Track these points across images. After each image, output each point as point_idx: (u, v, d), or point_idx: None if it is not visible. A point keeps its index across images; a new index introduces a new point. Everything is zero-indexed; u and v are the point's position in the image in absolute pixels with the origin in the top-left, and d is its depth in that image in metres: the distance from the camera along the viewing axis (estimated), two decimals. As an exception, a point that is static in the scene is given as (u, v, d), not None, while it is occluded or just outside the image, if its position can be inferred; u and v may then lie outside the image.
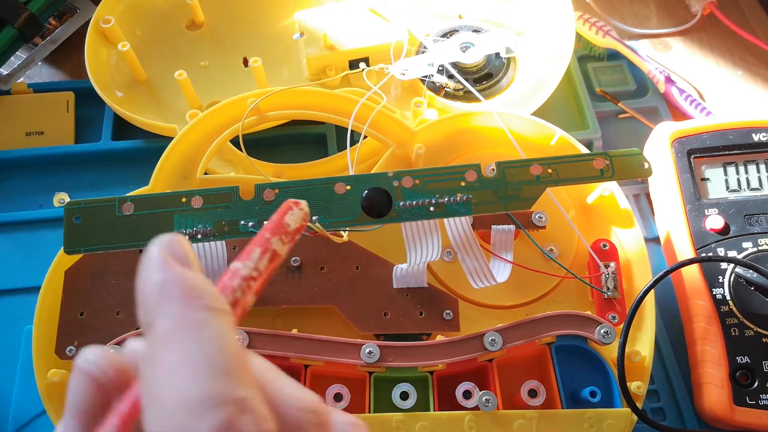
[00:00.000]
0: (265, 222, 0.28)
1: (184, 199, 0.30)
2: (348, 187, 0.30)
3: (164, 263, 0.16)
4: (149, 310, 0.15)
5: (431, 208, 0.30)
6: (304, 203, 0.21)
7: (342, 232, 0.30)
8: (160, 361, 0.14)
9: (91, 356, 0.16)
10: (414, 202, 0.30)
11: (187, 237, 0.29)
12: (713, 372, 0.34)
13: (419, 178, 0.31)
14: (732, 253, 0.36)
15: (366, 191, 0.30)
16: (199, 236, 0.30)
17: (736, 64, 0.50)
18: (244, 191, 0.30)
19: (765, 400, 0.33)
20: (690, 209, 0.37)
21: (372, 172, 0.37)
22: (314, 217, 0.30)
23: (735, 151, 0.38)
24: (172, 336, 0.15)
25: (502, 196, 0.30)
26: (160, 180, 0.36)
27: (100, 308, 0.32)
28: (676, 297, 0.38)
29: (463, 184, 0.30)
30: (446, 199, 0.30)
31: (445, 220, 0.32)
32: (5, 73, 0.47)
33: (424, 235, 0.31)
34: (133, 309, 0.32)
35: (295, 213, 0.20)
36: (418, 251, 0.32)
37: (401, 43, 0.43)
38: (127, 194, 0.34)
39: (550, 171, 0.31)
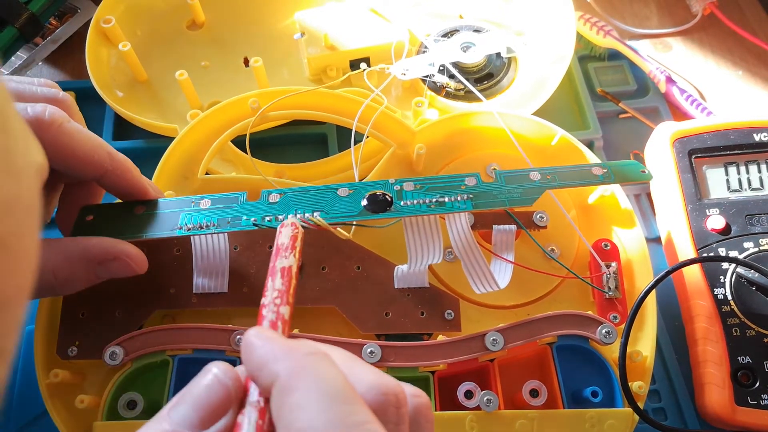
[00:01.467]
0: (268, 218, 0.30)
1: (193, 203, 0.31)
2: (351, 191, 0.31)
3: (263, 339, 0.20)
4: (269, 371, 0.19)
5: (432, 205, 0.30)
6: (288, 220, 0.25)
7: (344, 232, 0.30)
8: (288, 401, 0.18)
9: (225, 368, 0.20)
10: (415, 201, 0.30)
11: (190, 228, 0.30)
12: (714, 372, 0.34)
13: (420, 183, 0.31)
14: (733, 253, 0.36)
15: (368, 192, 0.31)
16: (202, 228, 0.30)
17: (737, 64, 0.50)
18: (250, 195, 0.31)
19: (766, 400, 0.33)
20: (691, 209, 0.37)
21: (373, 171, 0.37)
22: (316, 213, 0.30)
23: (736, 151, 0.38)
24: (292, 382, 0.18)
25: (502, 195, 0.31)
26: (161, 180, 0.36)
27: (101, 309, 0.32)
28: (677, 297, 0.38)
29: (463, 188, 0.31)
30: (447, 197, 0.30)
31: (448, 226, 0.32)
32: (6, 73, 0.47)
33: (425, 238, 0.31)
34: (133, 309, 0.33)
35: (283, 231, 0.25)
36: (419, 255, 0.32)
37: (402, 43, 0.43)
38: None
39: (549, 177, 0.31)
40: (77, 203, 0.31)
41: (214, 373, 0.20)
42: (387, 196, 0.31)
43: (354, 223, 0.31)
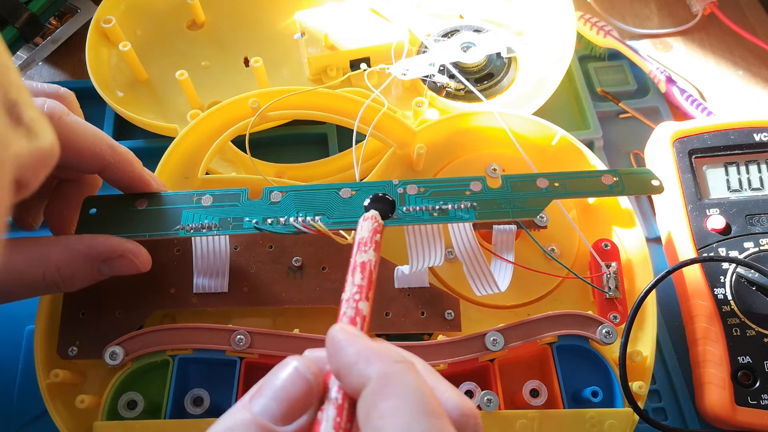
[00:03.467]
0: (269, 221, 0.30)
1: (195, 198, 0.31)
2: (353, 192, 0.31)
3: (350, 337, 0.20)
4: (359, 372, 0.19)
5: (434, 213, 0.30)
6: (369, 214, 0.26)
7: (346, 236, 0.30)
8: (381, 407, 0.18)
9: (306, 362, 0.20)
10: (417, 207, 0.30)
11: (192, 229, 0.30)
12: (715, 372, 0.34)
13: (424, 186, 0.31)
14: (733, 253, 0.36)
15: (370, 196, 0.31)
16: (204, 230, 0.30)
17: (737, 64, 0.50)
18: (252, 192, 0.31)
19: (766, 400, 0.33)
20: (691, 209, 0.37)
21: (373, 171, 0.37)
22: (317, 217, 0.30)
23: (736, 151, 0.38)
24: (384, 388, 0.18)
25: (507, 205, 0.31)
26: (162, 180, 0.36)
27: (101, 308, 0.32)
28: (677, 297, 0.38)
29: (467, 193, 0.31)
30: (450, 205, 0.30)
31: (450, 230, 0.32)
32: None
33: (427, 242, 0.31)
34: (133, 309, 0.33)
35: (364, 225, 0.25)
36: (420, 258, 0.32)
37: (402, 43, 0.43)
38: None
39: (557, 184, 0.31)
40: (69, 200, 0.31)
41: (295, 366, 0.20)
42: (389, 197, 0.30)
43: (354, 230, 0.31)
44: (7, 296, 0.28)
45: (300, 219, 0.30)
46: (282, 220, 0.30)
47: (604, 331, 0.32)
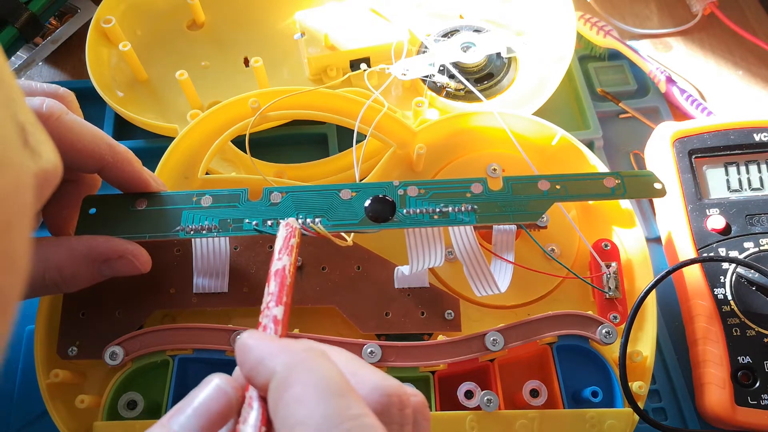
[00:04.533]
0: (269, 223, 0.30)
1: (195, 198, 0.31)
2: (353, 194, 0.31)
3: (258, 340, 0.20)
4: (265, 368, 0.19)
5: (435, 216, 0.30)
6: (284, 221, 0.26)
7: (346, 237, 0.30)
8: (285, 396, 0.18)
9: (226, 378, 0.20)
10: (418, 210, 0.30)
11: (192, 230, 0.30)
12: (715, 372, 0.34)
13: (424, 188, 0.31)
14: (733, 253, 0.36)
15: (370, 198, 0.31)
16: (204, 231, 0.30)
17: (737, 64, 0.50)
18: (252, 193, 0.31)
19: (766, 400, 0.33)
20: (691, 209, 0.37)
21: (373, 171, 0.37)
22: (317, 219, 0.30)
23: (736, 151, 0.38)
24: (289, 377, 0.19)
25: (508, 208, 0.30)
26: (162, 180, 0.35)
27: (101, 308, 0.32)
28: (677, 297, 0.38)
29: (468, 195, 0.31)
30: (450, 208, 0.30)
31: (450, 231, 0.32)
32: (6, 73, 0.47)
33: (427, 243, 0.31)
34: (133, 309, 0.33)
35: (278, 234, 0.26)
36: (420, 259, 0.32)
37: (402, 43, 0.43)
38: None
39: (558, 187, 0.31)
40: (68, 200, 0.31)
41: (215, 382, 0.20)
42: (389, 199, 0.30)
43: (353, 232, 0.31)
44: None
45: (300, 221, 0.30)
46: (282, 221, 0.30)
47: (604, 331, 0.32)
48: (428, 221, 0.30)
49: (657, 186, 0.31)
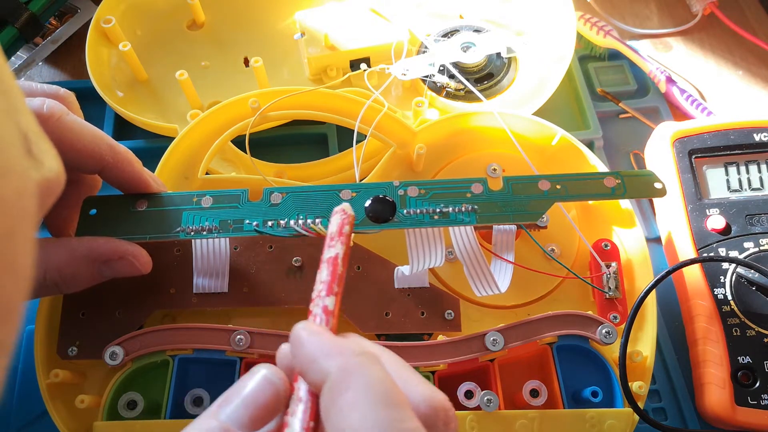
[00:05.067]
0: (270, 224, 0.30)
1: (195, 199, 0.31)
2: (353, 194, 0.31)
3: (312, 334, 0.20)
4: (319, 367, 0.19)
5: (435, 216, 0.30)
6: (338, 207, 0.25)
7: None
8: (339, 401, 0.18)
9: (274, 369, 0.20)
10: (418, 210, 0.30)
11: (193, 231, 0.30)
12: (715, 372, 0.34)
13: (425, 188, 0.31)
14: (733, 253, 0.36)
15: (370, 198, 0.31)
16: (205, 232, 0.30)
17: (737, 64, 0.50)
18: (252, 193, 0.31)
19: (766, 400, 0.33)
20: (691, 209, 0.37)
21: (373, 171, 0.37)
22: (317, 220, 0.30)
23: (736, 151, 0.38)
24: (343, 381, 0.18)
25: (508, 208, 0.30)
26: (162, 180, 0.36)
27: (101, 308, 0.32)
28: (677, 297, 0.38)
29: (468, 195, 0.31)
30: (451, 208, 0.30)
31: (451, 231, 0.32)
32: (6, 73, 0.47)
33: (428, 243, 0.31)
34: (133, 309, 0.33)
35: (332, 220, 0.25)
36: (420, 259, 0.32)
37: (402, 43, 0.43)
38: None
39: (558, 187, 0.31)
40: (68, 200, 0.31)
41: (263, 373, 0.20)
42: (389, 199, 0.30)
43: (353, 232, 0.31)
44: None
45: (300, 222, 0.30)
46: (282, 222, 0.30)
47: (604, 331, 0.32)
48: (429, 221, 0.30)
49: (657, 186, 0.31)
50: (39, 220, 0.20)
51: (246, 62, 0.46)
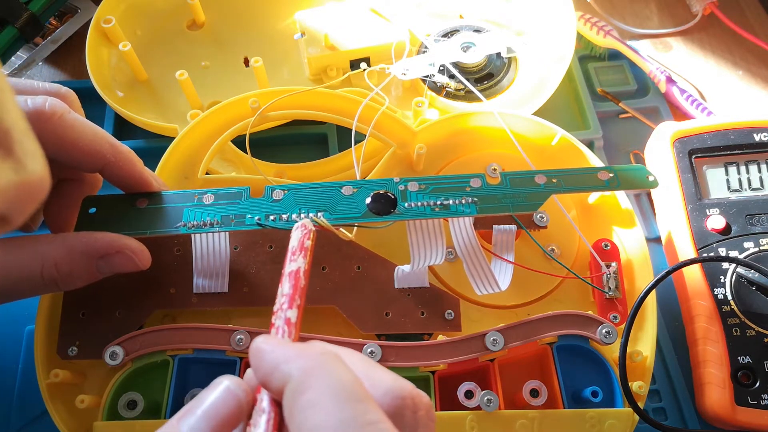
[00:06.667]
0: (272, 218, 0.30)
1: (196, 196, 0.31)
2: (355, 190, 0.31)
3: (273, 345, 0.20)
4: (281, 373, 0.19)
5: (436, 208, 0.30)
6: (299, 222, 0.25)
7: (347, 233, 0.30)
8: (301, 401, 0.18)
9: (236, 380, 0.20)
10: (419, 203, 0.30)
11: (194, 225, 0.30)
12: (715, 372, 0.34)
13: (425, 183, 0.31)
14: (733, 253, 0.36)
15: (371, 194, 0.31)
16: (206, 227, 0.30)
17: (737, 64, 0.50)
18: (253, 192, 0.31)
19: (766, 400, 0.33)
20: (691, 209, 0.37)
21: (373, 171, 0.37)
22: (319, 213, 0.30)
23: (736, 151, 0.38)
24: (305, 381, 0.18)
25: (506, 200, 0.31)
26: (162, 179, 0.35)
27: (101, 308, 0.32)
28: (677, 297, 0.38)
29: (468, 189, 0.31)
30: (451, 201, 0.31)
31: (451, 228, 0.32)
32: (6, 73, 0.47)
33: (429, 239, 0.31)
34: (133, 309, 0.33)
35: (293, 235, 0.25)
36: (422, 255, 0.32)
37: (402, 43, 0.43)
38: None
39: (554, 180, 0.31)
40: (69, 199, 0.31)
41: (225, 384, 0.20)
42: (391, 194, 0.31)
43: (356, 225, 0.31)
44: (6, 296, 0.28)
45: (303, 215, 0.30)
46: (284, 216, 0.30)
47: (604, 331, 0.32)
48: (430, 213, 0.30)
49: (650, 178, 0.32)
50: (15, 227, 0.19)
51: (246, 62, 0.46)
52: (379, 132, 0.37)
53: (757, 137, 0.38)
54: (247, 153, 0.36)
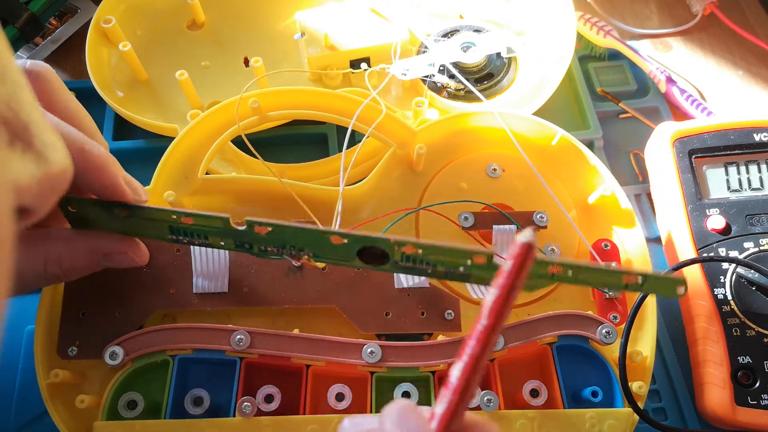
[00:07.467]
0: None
1: (174, 217, 0.28)
2: (345, 241, 0.27)
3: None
4: None
5: (429, 271, 0.27)
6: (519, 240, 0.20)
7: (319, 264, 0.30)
8: None
9: None
10: (410, 264, 0.27)
11: (182, 240, 0.29)
12: (715, 372, 0.34)
13: (422, 248, 0.26)
14: (733, 253, 0.36)
15: (362, 247, 0.27)
16: (196, 244, 0.29)
17: (737, 64, 0.50)
18: (234, 221, 0.28)
19: (766, 400, 0.33)
20: (691, 209, 0.37)
21: (373, 171, 0.37)
22: (311, 254, 0.28)
23: (736, 151, 0.38)
24: None
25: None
26: (161, 180, 0.36)
27: (101, 308, 0.32)
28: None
29: (469, 263, 0.26)
30: (446, 270, 0.27)
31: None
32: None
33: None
34: (133, 309, 0.33)
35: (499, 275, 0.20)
36: (409, 279, 0.31)
37: (402, 43, 0.43)
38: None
39: (563, 272, 0.26)
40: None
41: None
42: (381, 250, 0.27)
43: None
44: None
45: (290, 250, 0.28)
46: (271, 249, 0.28)
47: (604, 331, 0.32)
48: (426, 274, 0.27)
49: (680, 291, 0.26)
50: (41, 216, 0.19)
51: (246, 62, 0.46)
52: (379, 132, 0.37)
53: (757, 137, 0.38)
54: (246, 153, 0.36)
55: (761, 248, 0.36)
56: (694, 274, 0.36)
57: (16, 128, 0.17)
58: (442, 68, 0.42)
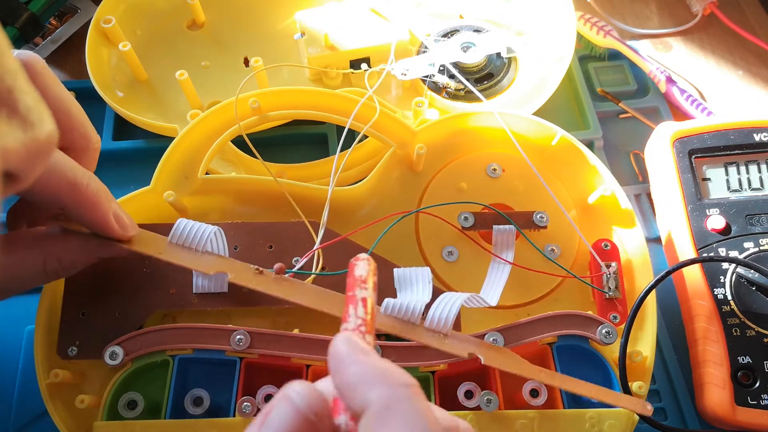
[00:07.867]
0: None
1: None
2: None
3: (356, 355, 0.19)
4: (360, 395, 0.18)
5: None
6: (362, 256, 0.24)
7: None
8: None
9: (302, 392, 0.19)
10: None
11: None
12: (715, 372, 0.34)
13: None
14: (733, 253, 0.36)
15: None
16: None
17: (737, 64, 0.50)
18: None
19: (766, 400, 0.33)
20: (691, 209, 0.37)
21: (373, 171, 0.37)
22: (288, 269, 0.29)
23: (736, 151, 0.38)
24: (383, 416, 0.18)
25: None
26: (161, 180, 0.36)
27: (101, 308, 0.32)
28: (677, 297, 0.38)
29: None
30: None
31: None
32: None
33: (415, 282, 0.31)
34: (133, 309, 0.33)
35: (360, 264, 0.23)
36: (408, 295, 0.31)
37: (402, 43, 0.43)
38: (129, 194, 0.35)
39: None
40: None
41: (291, 400, 0.19)
42: None
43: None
44: (9, 291, 0.29)
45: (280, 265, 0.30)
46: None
47: (604, 331, 0.32)
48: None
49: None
50: (27, 185, 0.19)
51: (246, 62, 0.46)
52: (379, 132, 0.37)
53: (757, 137, 0.38)
54: (246, 153, 0.36)
55: (761, 248, 0.36)
56: (694, 274, 0.36)
57: (0, 93, 0.17)
58: (442, 68, 0.42)
